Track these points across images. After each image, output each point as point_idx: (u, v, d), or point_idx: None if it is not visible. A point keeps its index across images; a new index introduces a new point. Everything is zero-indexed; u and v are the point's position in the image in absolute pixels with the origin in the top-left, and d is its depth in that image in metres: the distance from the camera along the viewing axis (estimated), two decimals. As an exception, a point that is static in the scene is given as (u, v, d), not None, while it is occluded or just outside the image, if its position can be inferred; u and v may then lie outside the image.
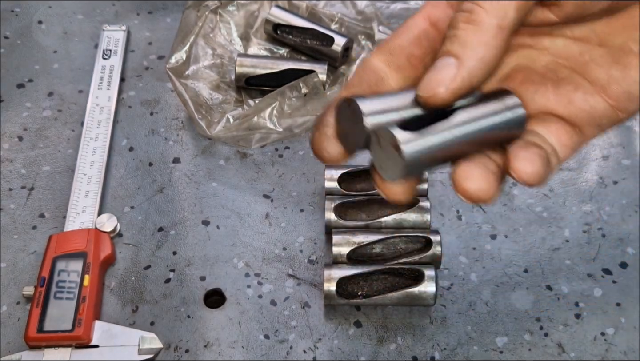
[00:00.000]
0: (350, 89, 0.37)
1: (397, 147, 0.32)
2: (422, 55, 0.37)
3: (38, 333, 0.53)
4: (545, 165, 0.34)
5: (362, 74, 0.37)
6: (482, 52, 0.33)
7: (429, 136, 0.33)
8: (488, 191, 0.34)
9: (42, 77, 0.71)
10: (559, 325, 0.56)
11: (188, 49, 0.69)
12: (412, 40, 0.37)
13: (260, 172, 0.65)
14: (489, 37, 0.33)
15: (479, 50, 0.33)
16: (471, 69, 0.33)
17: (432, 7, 0.38)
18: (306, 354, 0.55)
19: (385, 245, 0.58)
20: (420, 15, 0.38)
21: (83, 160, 0.63)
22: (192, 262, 0.59)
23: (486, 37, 0.33)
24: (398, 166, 0.33)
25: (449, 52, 0.34)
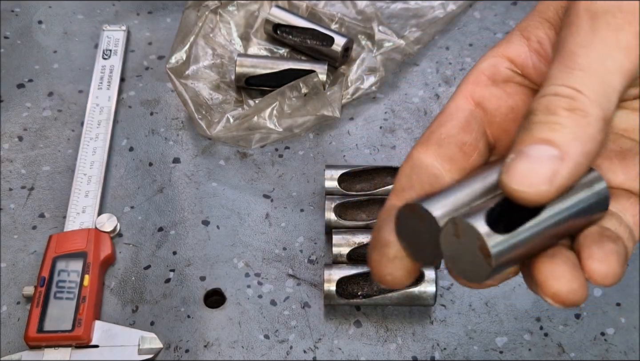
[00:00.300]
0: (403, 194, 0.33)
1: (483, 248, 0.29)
2: (475, 142, 0.34)
3: (38, 333, 0.53)
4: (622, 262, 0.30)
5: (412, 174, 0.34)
6: (589, 146, 0.29)
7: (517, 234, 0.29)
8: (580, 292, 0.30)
9: (42, 77, 0.71)
10: (559, 325, 0.56)
11: (188, 49, 0.69)
12: (460, 126, 0.34)
13: (260, 172, 0.65)
14: (596, 130, 0.29)
15: (588, 145, 0.29)
16: (578, 164, 0.29)
17: (474, 85, 0.35)
18: (306, 354, 0.55)
19: (385, 245, 0.58)
20: (461, 96, 0.35)
21: (83, 160, 0.63)
22: (192, 262, 0.59)
23: (593, 131, 0.29)
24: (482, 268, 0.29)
25: (548, 141, 0.29)
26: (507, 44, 0.36)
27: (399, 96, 0.70)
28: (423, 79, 0.71)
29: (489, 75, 0.36)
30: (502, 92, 0.35)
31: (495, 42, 0.75)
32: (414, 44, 0.71)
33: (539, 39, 0.35)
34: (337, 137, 0.67)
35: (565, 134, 0.29)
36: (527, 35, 0.36)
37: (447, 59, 0.72)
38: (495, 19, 0.75)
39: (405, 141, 0.66)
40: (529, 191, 0.29)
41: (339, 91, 0.67)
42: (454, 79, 0.71)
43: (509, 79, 0.36)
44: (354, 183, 0.62)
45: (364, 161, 0.65)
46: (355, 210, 0.60)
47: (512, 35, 0.36)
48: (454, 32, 0.74)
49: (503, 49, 0.36)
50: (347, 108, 0.69)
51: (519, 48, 0.36)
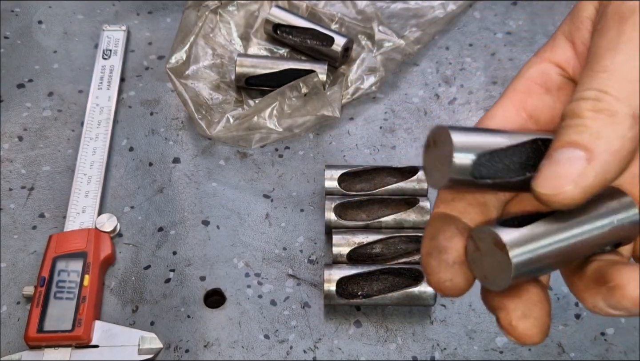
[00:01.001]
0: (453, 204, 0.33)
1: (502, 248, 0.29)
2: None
3: (38, 333, 0.53)
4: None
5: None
6: (617, 145, 0.28)
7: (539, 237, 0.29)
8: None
9: (42, 77, 0.71)
10: (559, 325, 0.56)
11: (188, 49, 0.69)
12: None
13: (260, 172, 0.65)
14: (624, 128, 0.29)
15: (615, 143, 0.28)
16: (605, 163, 0.28)
17: (525, 95, 0.34)
18: (306, 354, 0.55)
19: (385, 245, 0.58)
20: (512, 106, 0.34)
21: (83, 160, 0.63)
22: (192, 262, 0.59)
23: (620, 128, 0.29)
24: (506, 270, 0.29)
25: (574, 143, 0.29)
26: (552, 49, 0.35)
27: (399, 96, 0.70)
28: (423, 79, 0.71)
29: (541, 83, 0.35)
30: (555, 100, 0.34)
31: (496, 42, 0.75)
32: (414, 44, 0.71)
33: (583, 42, 0.34)
34: (337, 137, 0.67)
35: (589, 135, 0.29)
36: (572, 38, 0.35)
37: (447, 59, 0.72)
38: (495, 19, 0.75)
39: (405, 141, 0.66)
40: (554, 193, 0.28)
41: (339, 91, 0.67)
42: (454, 79, 0.71)
43: (562, 86, 0.35)
44: (354, 183, 0.62)
45: (364, 161, 0.65)
46: (355, 210, 0.60)
47: (556, 39, 0.35)
48: (454, 32, 0.74)
49: (549, 54, 0.35)
50: (347, 108, 0.69)
51: (566, 53, 0.35)
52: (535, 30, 0.74)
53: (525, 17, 0.75)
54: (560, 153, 0.29)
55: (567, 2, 0.76)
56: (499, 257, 0.29)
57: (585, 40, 0.34)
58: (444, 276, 0.31)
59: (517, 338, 0.30)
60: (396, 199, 0.60)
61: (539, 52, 0.36)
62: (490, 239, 0.29)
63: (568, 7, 0.76)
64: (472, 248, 0.30)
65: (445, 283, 0.31)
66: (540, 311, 0.30)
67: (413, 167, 0.61)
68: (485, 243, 0.29)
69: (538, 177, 0.29)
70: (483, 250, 0.30)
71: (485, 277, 0.30)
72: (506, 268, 0.29)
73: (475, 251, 0.30)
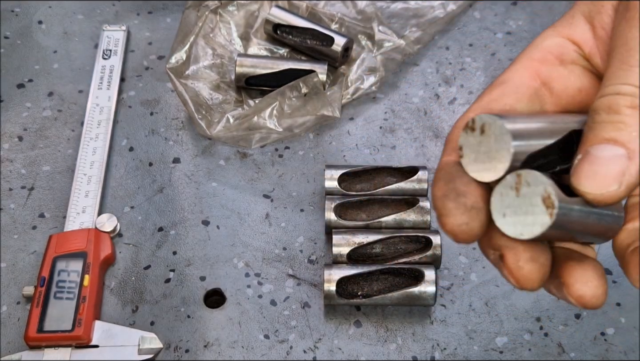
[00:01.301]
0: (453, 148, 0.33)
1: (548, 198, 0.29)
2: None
3: (38, 333, 0.53)
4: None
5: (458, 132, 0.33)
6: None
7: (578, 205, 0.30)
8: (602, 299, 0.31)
9: (42, 77, 0.71)
10: (559, 325, 0.56)
11: (188, 49, 0.69)
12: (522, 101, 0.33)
13: (260, 172, 0.65)
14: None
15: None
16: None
17: (540, 63, 0.34)
18: (306, 354, 0.55)
19: (385, 245, 0.58)
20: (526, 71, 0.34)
21: (83, 160, 0.63)
22: (192, 262, 0.59)
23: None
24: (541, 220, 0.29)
25: (613, 140, 0.29)
26: (570, 26, 0.35)
27: (399, 96, 0.70)
28: (423, 79, 0.71)
29: (557, 54, 0.35)
30: (570, 72, 0.35)
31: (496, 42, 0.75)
32: (414, 44, 0.71)
33: (603, 25, 0.34)
34: (337, 137, 0.67)
35: (630, 132, 0.29)
36: (591, 20, 0.35)
37: (447, 59, 0.72)
38: (495, 19, 0.75)
39: (405, 141, 0.66)
40: (599, 193, 0.29)
41: (339, 91, 0.67)
42: (454, 79, 0.71)
43: (575, 61, 0.35)
44: (354, 183, 0.62)
45: (364, 161, 0.65)
46: (355, 210, 0.60)
47: (574, 17, 0.35)
48: (454, 32, 0.74)
49: (567, 31, 0.35)
50: (347, 108, 0.69)
51: (585, 34, 0.35)
52: (535, 30, 0.74)
53: (525, 17, 0.75)
54: (599, 150, 0.29)
55: (567, 2, 0.76)
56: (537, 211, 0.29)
57: (606, 25, 0.34)
58: (460, 219, 0.30)
59: (519, 279, 0.30)
60: (396, 199, 0.60)
61: (555, 25, 0.36)
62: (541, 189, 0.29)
63: (568, 8, 0.76)
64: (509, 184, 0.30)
65: (460, 226, 0.30)
66: (546, 259, 0.31)
67: (413, 167, 0.61)
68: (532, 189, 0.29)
69: (579, 174, 0.29)
70: (522, 193, 0.29)
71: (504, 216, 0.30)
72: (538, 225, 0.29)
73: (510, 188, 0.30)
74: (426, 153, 0.66)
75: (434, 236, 0.57)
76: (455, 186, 0.31)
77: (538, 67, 0.34)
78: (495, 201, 0.30)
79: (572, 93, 0.34)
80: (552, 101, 0.34)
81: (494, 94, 0.34)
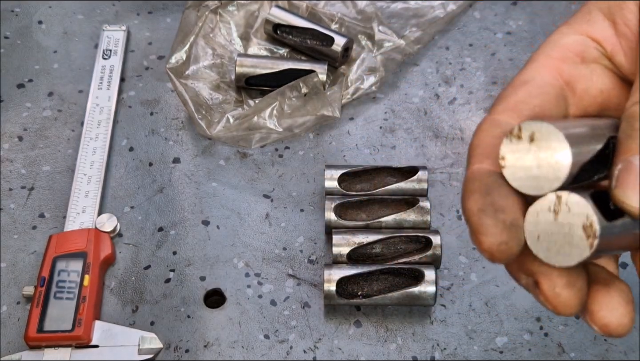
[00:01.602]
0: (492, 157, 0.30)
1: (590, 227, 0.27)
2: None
3: (38, 333, 0.53)
4: None
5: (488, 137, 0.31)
6: None
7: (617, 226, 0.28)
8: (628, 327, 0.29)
9: (42, 77, 0.71)
10: (559, 325, 0.56)
11: (188, 49, 0.69)
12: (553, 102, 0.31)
13: (260, 172, 0.65)
14: None
15: None
16: None
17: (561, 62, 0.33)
18: (306, 354, 0.55)
19: (385, 245, 0.58)
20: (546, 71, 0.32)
21: (83, 160, 0.63)
22: (192, 262, 0.59)
23: None
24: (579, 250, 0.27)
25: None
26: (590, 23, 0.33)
27: (399, 96, 0.70)
28: (423, 79, 0.71)
29: (577, 53, 0.33)
30: (591, 72, 0.33)
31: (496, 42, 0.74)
32: (414, 44, 0.71)
33: (626, 22, 0.33)
34: (337, 137, 0.67)
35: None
36: (612, 17, 0.33)
37: (447, 59, 0.72)
38: (495, 19, 0.75)
39: (405, 141, 0.66)
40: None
41: (339, 91, 0.67)
42: (454, 79, 0.71)
43: (597, 60, 0.33)
44: (354, 183, 0.62)
45: (364, 161, 0.65)
46: (355, 210, 0.60)
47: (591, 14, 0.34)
48: (454, 32, 0.74)
49: (586, 27, 0.33)
50: (347, 108, 0.69)
51: (605, 31, 0.33)
52: (535, 30, 0.74)
53: (525, 17, 0.75)
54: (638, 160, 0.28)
55: (567, 2, 0.76)
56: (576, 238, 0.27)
57: (629, 22, 0.32)
58: (499, 238, 0.28)
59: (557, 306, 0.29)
60: (396, 199, 0.60)
61: (570, 23, 0.34)
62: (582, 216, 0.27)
63: (568, 7, 0.76)
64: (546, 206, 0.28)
65: (500, 246, 0.28)
66: (583, 284, 0.29)
67: (413, 167, 0.61)
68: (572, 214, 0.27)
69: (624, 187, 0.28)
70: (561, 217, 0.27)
71: (538, 239, 0.28)
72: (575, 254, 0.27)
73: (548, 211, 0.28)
74: (426, 153, 0.66)
75: (434, 236, 0.57)
76: (494, 199, 0.28)
77: (559, 65, 0.32)
78: (530, 221, 0.28)
79: (594, 94, 0.33)
80: (575, 102, 0.33)
81: (520, 94, 0.31)
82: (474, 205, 0.28)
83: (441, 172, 0.64)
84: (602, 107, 0.33)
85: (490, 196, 0.28)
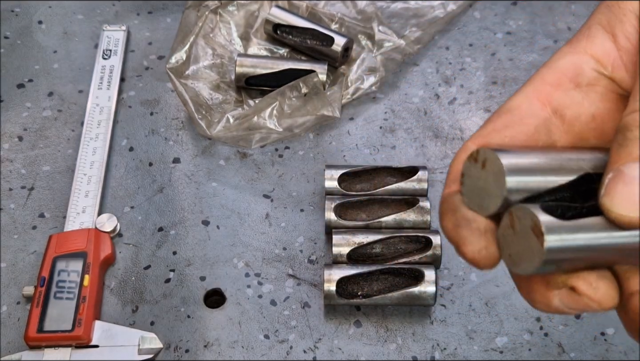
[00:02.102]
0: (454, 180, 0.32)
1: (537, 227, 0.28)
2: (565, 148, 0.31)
3: (38, 333, 0.53)
4: None
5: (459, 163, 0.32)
6: None
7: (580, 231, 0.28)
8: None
9: (42, 77, 0.71)
10: (559, 325, 0.56)
11: (188, 49, 0.69)
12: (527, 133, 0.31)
13: (260, 172, 0.65)
14: None
15: None
16: None
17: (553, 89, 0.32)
18: (306, 354, 0.55)
19: (385, 245, 0.58)
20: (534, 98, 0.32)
21: (83, 160, 0.63)
22: (192, 262, 0.59)
23: None
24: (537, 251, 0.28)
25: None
26: (589, 39, 0.33)
27: (399, 96, 0.70)
28: (423, 79, 0.71)
29: (572, 77, 0.32)
30: (584, 97, 0.32)
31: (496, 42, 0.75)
32: (414, 44, 0.71)
33: (626, 35, 0.32)
34: (337, 137, 0.67)
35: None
36: (612, 30, 0.33)
37: (447, 59, 0.72)
38: (495, 19, 0.75)
39: (405, 141, 0.66)
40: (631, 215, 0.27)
41: (339, 91, 0.67)
42: (454, 79, 0.71)
43: (594, 82, 0.33)
44: (354, 183, 0.62)
45: (364, 161, 0.65)
46: (355, 210, 0.60)
47: (591, 29, 0.33)
48: (454, 32, 0.74)
49: (585, 44, 0.33)
50: (347, 108, 0.69)
51: (605, 45, 0.32)
52: (535, 30, 0.74)
53: (525, 17, 0.75)
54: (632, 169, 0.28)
55: (567, 2, 0.76)
56: (532, 242, 0.28)
57: (630, 35, 0.32)
58: (477, 244, 0.29)
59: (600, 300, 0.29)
60: (396, 199, 0.60)
61: (572, 41, 0.33)
62: (529, 220, 0.28)
63: (568, 7, 0.76)
64: (506, 224, 0.29)
65: (480, 252, 0.29)
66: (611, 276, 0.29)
67: (413, 167, 0.61)
68: (522, 222, 0.28)
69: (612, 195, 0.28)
70: (517, 229, 0.29)
71: (510, 256, 0.29)
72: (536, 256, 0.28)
73: (508, 227, 0.29)
74: (426, 153, 0.66)
75: (434, 236, 0.57)
76: (464, 214, 0.30)
77: (550, 92, 0.32)
78: (500, 243, 0.30)
79: (585, 120, 0.32)
80: (564, 129, 0.32)
81: (498, 123, 0.32)
82: (449, 223, 0.31)
83: (441, 172, 0.64)
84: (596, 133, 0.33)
85: (460, 212, 0.30)
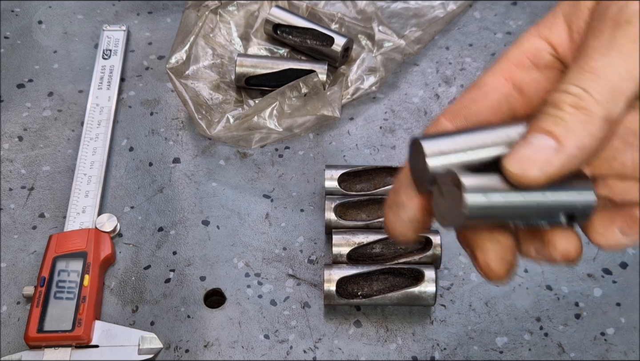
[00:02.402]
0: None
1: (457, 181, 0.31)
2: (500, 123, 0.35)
3: (38, 333, 0.53)
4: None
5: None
6: (585, 141, 0.32)
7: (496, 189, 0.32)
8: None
9: (42, 77, 0.71)
10: (559, 325, 0.56)
11: (188, 49, 0.69)
12: (491, 107, 0.36)
13: (260, 172, 0.65)
14: (596, 128, 0.32)
15: (584, 140, 0.32)
16: (571, 156, 0.32)
17: (516, 68, 0.36)
18: (306, 354, 0.55)
19: (385, 245, 0.58)
20: (499, 75, 0.36)
21: (83, 160, 0.63)
22: (192, 262, 0.59)
23: (593, 128, 0.32)
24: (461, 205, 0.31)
25: (549, 132, 0.32)
26: (551, 27, 0.37)
27: (399, 96, 0.70)
28: (423, 79, 0.71)
29: (532, 58, 0.36)
30: (542, 76, 0.36)
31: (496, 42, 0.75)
32: (414, 44, 0.71)
33: (578, 30, 0.36)
34: (337, 137, 0.67)
35: (564, 128, 0.32)
36: (570, 22, 0.36)
37: (447, 59, 0.72)
38: (495, 19, 0.75)
39: (405, 141, 0.66)
40: (520, 174, 0.32)
41: (339, 91, 0.67)
42: (454, 79, 0.71)
43: (550, 65, 0.36)
44: (354, 183, 0.62)
45: (364, 161, 0.65)
46: (355, 210, 0.60)
47: (556, 18, 0.37)
48: (454, 32, 0.74)
49: (546, 32, 0.37)
50: (347, 108, 0.69)
51: (562, 35, 0.36)
52: (535, 30, 0.74)
53: (525, 17, 0.75)
54: (534, 137, 0.32)
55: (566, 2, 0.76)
56: (456, 197, 0.32)
57: (581, 29, 0.36)
58: (398, 230, 0.36)
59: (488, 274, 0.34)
60: (396, 199, 0.60)
61: (538, 25, 0.37)
62: (451, 180, 0.32)
63: (568, 7, 0.76)
64: (436, 193, 0.33)
65: (399, 236, 0.36)
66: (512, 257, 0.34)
67: (413, 167, 0.61)
68: (447, 184, 0.32)
69: (510, 155, 0.32)
70: (444, 192, 0.33)
71: (444, 217, 0.33)
72: (462, 208, 0.31)
73: (439, 194, 0.33)
74: (426, 153, 0.65)
75: (434, 236, 0.57)
76: (399, 198, 0.35)
77: (513, 70, 0.36)
78: (436, 210, 0.34)
79: (542, 96, 0.36)
80: (524, 102, 0.36)
81: (466, 98, 0.36)
82: (387, 201, 0.36)
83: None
84: None
85: (398, 196, 0.36)
